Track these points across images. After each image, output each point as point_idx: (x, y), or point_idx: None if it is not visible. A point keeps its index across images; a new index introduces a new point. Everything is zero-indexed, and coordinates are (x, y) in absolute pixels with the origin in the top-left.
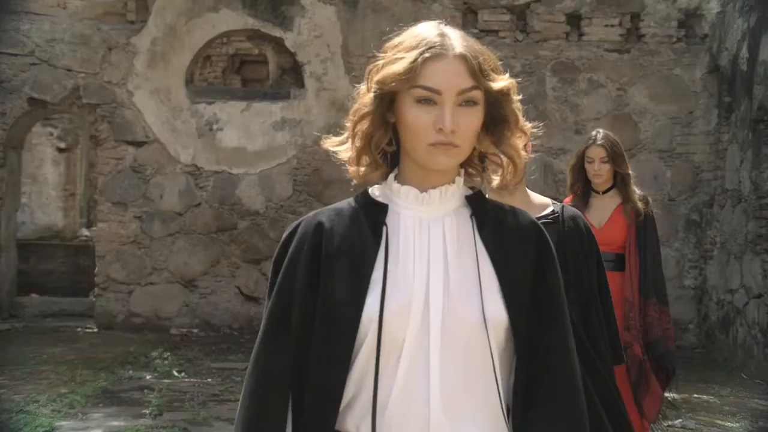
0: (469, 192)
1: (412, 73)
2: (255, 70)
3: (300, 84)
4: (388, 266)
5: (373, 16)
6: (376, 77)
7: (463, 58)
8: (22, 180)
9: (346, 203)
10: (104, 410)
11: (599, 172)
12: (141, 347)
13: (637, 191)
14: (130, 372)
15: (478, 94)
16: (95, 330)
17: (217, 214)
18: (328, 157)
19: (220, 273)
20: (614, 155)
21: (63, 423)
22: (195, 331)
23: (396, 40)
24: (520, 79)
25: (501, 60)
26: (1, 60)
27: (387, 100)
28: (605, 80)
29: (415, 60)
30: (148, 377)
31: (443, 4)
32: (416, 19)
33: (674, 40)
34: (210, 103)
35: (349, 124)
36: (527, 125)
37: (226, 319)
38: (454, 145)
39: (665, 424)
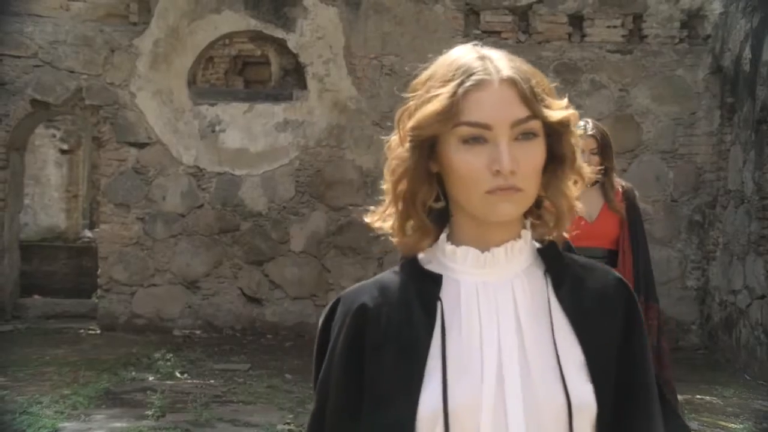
0: (538, 245)
1: (452, 109)
2: (257, 71)
3: (302, 85)
4: (446, 349)
5: (375, 18)
6: (410, 124)
7: (512, 82)
8: (24, 181)
9: (392, 274)
10: (107, 411)
11: (589, 163)
12: (143, 348)
13: (622, 183)
14: (133, 373)
15: (536, 125)
16: (98, 331)
17: (220, 215)
18: (331, 158)
19: (222, 274)
20: (604, 147)
21: (66, 424)
22: (197, 332)
23: (425, 74)
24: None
25: None
26: (5, 62)
27: (427, 148)
28: (608, 81)
29: (455, 93)
30: (150, 378)
31: (445, 5)
32: (418, 21)
33: (677, 40)
34: (212, 105)
35: (387, 187)
36: (585, 168)
37: (228, 321)
38: (517, 188)
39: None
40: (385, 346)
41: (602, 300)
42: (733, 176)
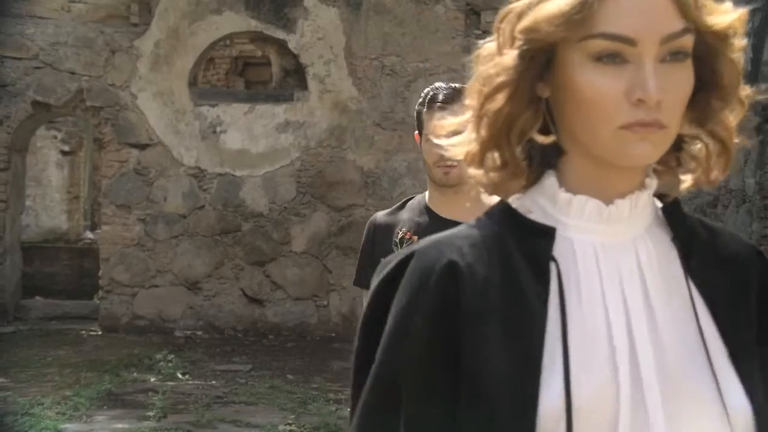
0: (660, 202)
1: (584, 12)
2: (258, 72)
3: (303, 86)
4: (567, 326)
5: (376, 18)
6: (522, 23)
7: None
8: (26, 183)
9: (478, 226)
10: (108, 413)
11: None
12: (145, 350)
13: None
14: (135, 374)
15: (689, 41)
16: (99, 332)
17: (221, 216)
18: (332, 158)
19: (224, 275)
20: None
21: (68, 425)
22: (199, 333)
23: None
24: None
25: None
26: (6, 63)
27: (540, 62)
28: None
29: None
30: (152, 379)
31: (446, 5)
32: (419, 21)
33: None
34: (213, 106)
35: (471, 102)
36: (747, 90)
37: (230, 322)
38: (661, 125)
39: None
40: (486, 316)
41: (735, 274)
42: (735, 176)
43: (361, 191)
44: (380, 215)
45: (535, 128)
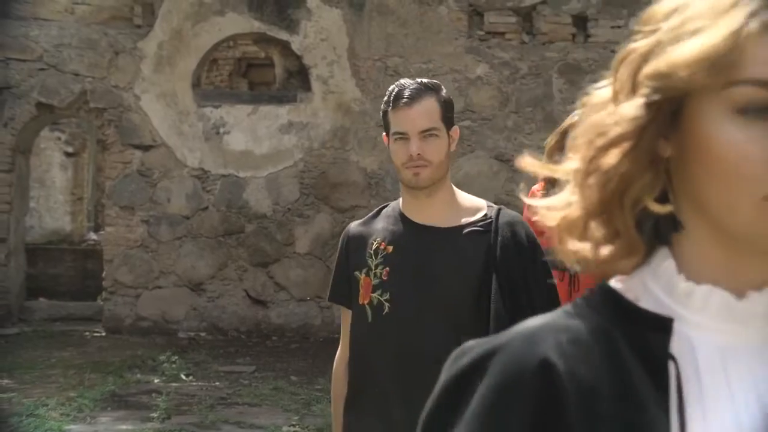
0: None
1: (733, 53)
2: (261, 73)
3: (306, 87)
4: None
5: (379, 19)
6: (650, 67)
7: None
8: (30, 184)
9: (576, 314)
10: (112, 414)
11: None
12: (149, 351)
13: None
14: (138, 375)
15: None
16: (103, 334)
17: (224, 217)
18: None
19: (227, 276)
20: None
21: (72, 427)
22: (202, 334)
23: (671, 2)
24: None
25: (507, 62)
26: (10, 65)
27: (665, 114)
28: None
29: (741, 28)
30: (155, 381)
31: (449, 6)
32: (422, 22)
33: None
34: (217, 107)
35: (576, 156)
36: None
37: (233, 323)
38: None
39: None
40: (595, 429)
41: None
42: None
43: (365, 192)
44: (354, 225)
45: (653, 194)
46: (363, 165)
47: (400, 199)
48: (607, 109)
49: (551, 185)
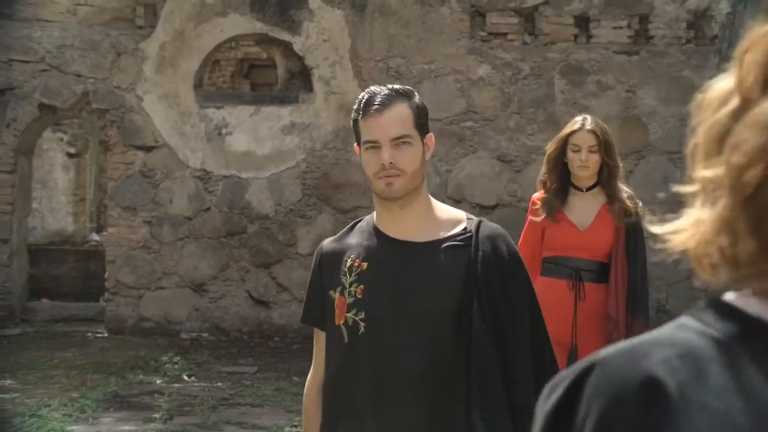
0: None
1: None
2: (263, 74)
3: (309, 88)
4: None
5: (381, 20)
6: None
7: None
8: (32, 185)
9: (690, 326)
10: (114, 414)
11: (586, 163)
12: (151, 352)
13: (625, 189)
14: (141, 376)
15: None
16: (105, 334)
17: (227, 218)
18: (338, 160)
19: (229, 277)
20: (605, 144)
21: (74, 427)
22: (205, 335)
23: None
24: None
25: (509, 63)
26: (13, 66)
27: None
28: (614, 82)
29: None
30: (158, 382)
31: (451, 7)
32: (424, 23)
33: (683, 41)
34: (219, 108)
35: (703, 167)
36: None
37: (236, 324)
38: None
39: None
40: None
41: None
42: None
43: (367, 193)
44: (327, 242)
45: None
46: None
47: (374, 213)
48: (729, 105)
49: (550, 192)
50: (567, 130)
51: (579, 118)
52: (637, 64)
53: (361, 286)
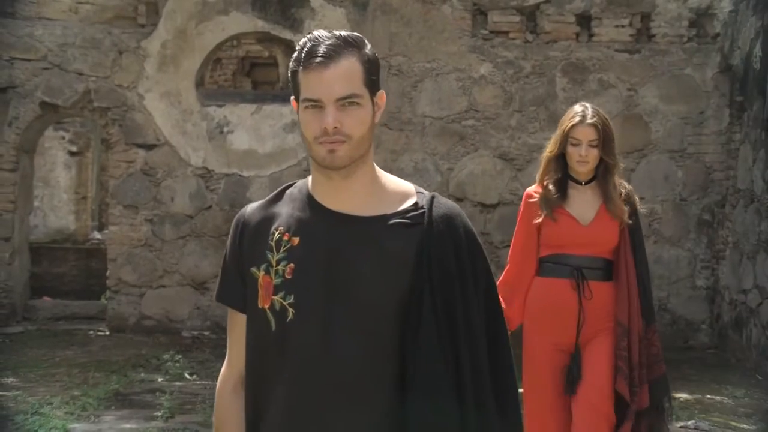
0: None
1: None
2: (265, 72)
3: None
4: None
5: (382, 18)
6: None
7: None
8: (34, 184)
9: None
10: (116, 413)
11: (585, 158)
12: (152, 350)
13: (623, 185)
14: (142, 375)
15: None
16: (107, 333)
17: (228, 216)
18: None
19: None
20: (606, 139)
21: (76, 425)
22: (206, 333)
23: None
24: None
25: (511, 61)
26: (15, 65)
27: None
28: (616, 81)
29: None
30: (159, 380)
31: (453, 5)
32: (426, 21)
33: (685, 39)
34: (220, 106)
35: None
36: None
37: None
38: None
39: (678, 425)
40: None
41: None
42: (743, 175)
43: None
44: (250, 209)
45: None
46: None
47: (309, 179)
48: None
49: (548, 186)
50: (567, 123)
51: (579, 109)
52: (638, 63)
53: (291, 265)
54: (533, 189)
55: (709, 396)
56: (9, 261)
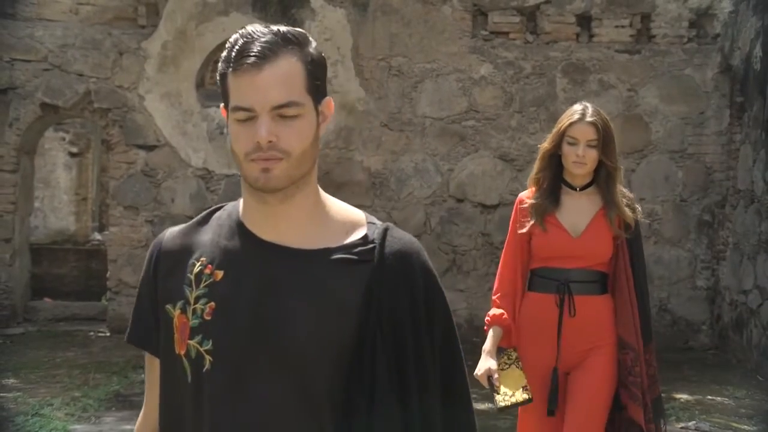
0: None
1: None
2: None
3: None
4: None
5: (383, 19)
6: None
7: None
8: (34, 184)
9: None
10: (117, 414)
11: (582, 159)
12: None
13: (626, 194)
14: (142, 376)
15: None
16: (107, 334)
17: None
18: (339, 159)
19: None
20: (605, 140)
21: (76, 426)
22: None
23: None
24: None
25: (511, 62)
26: (15, 66)
27: None
28: (616, 81)
29: None
30: None
31: (453, 6)
32: (426, 22)
33: (685, 40)
34: (220, 107)
35: None
36: None
37: None
38: None
39: (679, 426)
40: None
41: None
42: (743, 176)
43: (369, 192)
44: (170, 233)
45: None
46: (367, 165)
47: (240, 202)
48: None
49: (540, 192)
50: (565, 121)
51: (578, 107)
52: (638, 63)
53: (212, 304)
54: (525, 194)
55: (709, 397)
56: (9, 262)
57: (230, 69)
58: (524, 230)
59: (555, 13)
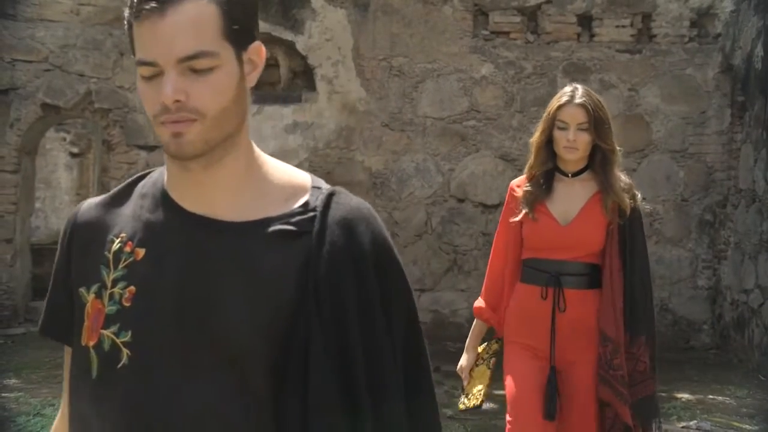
0: None
1: None
2: (266, 73)
3: (311, 87)
4: None
5: (384, 19)
6: None
7: None
8: (35, 185)
9: None
10: None
11: (573, 144)
12: None
13: (623, 178)
14: None
15: None
16: None
17: None
18: (341, 159)
19: None
20: (597, 122)
21: None
22: None
23: None
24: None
25: (512, 62)
26: (17, 66)
27: None
28: (617, 81)
29: None
30: None
31: (454, 6)
32: (427, 22)
33: (686, 39)
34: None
35: None
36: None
37: None
38: None
39: (680, 426)
40: None
41: None
42: (744, 175)
43: (370, 192)
44: (87, 205)
45: None
46: (368, 165)
47: (164, 169)
48: None
49: (533, 180)
50: (554, 104)
51: (568, 89)
52: (639, 63)
53: (131, 288)
54: (518, 181)
55: (711, 396)
56: (11, 262)
57: (133, 17)
58: (516, 219)
59: (556, 13)
